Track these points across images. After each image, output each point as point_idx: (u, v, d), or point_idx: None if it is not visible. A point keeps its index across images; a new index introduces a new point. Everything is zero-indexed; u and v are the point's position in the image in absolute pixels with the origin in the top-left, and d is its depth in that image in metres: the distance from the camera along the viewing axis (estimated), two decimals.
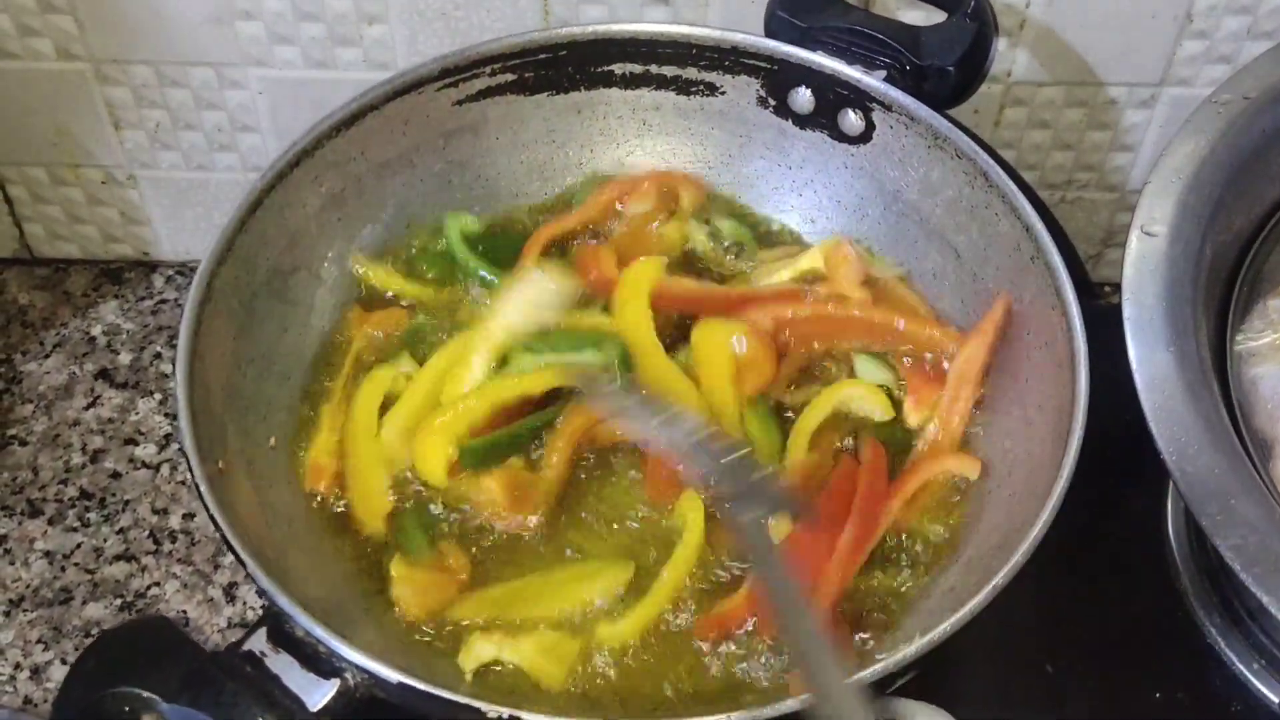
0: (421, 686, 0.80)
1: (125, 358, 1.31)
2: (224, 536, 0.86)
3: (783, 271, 1.12)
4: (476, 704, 0.80)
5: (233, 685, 0.81)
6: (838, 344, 1.09)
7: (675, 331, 1.08)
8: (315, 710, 0.82)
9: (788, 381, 1.07)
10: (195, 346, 0.96)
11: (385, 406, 1.05)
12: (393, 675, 0.81)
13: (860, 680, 0.81)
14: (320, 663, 0.83)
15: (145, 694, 0.81)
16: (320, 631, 0.82)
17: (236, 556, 0.86)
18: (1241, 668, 1.03)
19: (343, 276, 1.12)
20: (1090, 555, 1.08)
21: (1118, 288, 0.97)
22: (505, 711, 0.80)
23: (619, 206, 1.16)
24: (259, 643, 0.84)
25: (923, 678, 0.87)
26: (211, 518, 0.87)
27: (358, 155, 1.09)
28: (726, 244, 1.16)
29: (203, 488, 0.89)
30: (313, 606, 0.84)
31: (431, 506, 1.00)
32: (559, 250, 1.14)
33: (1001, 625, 0.86)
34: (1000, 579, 0.84)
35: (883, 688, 0.84)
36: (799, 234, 1.18)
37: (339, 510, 1.01)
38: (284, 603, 0.83)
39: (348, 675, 0.83)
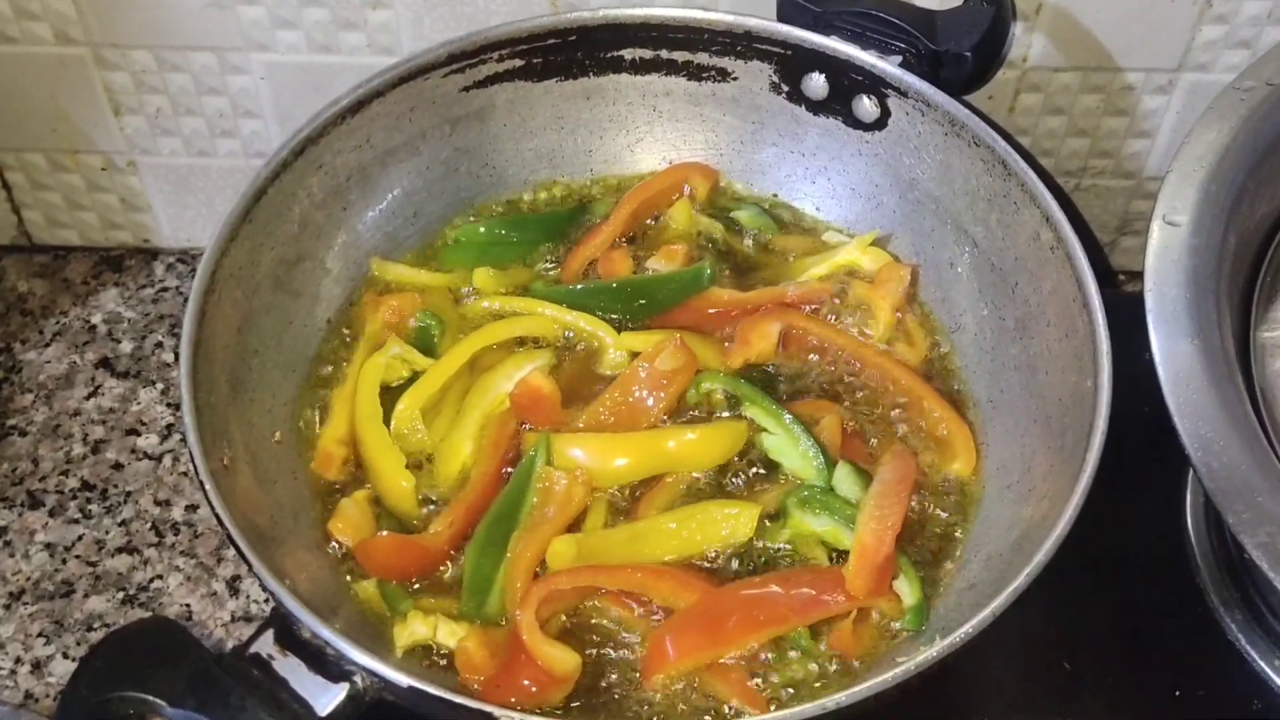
0: (432, 690, 0.79)
1: (126, 346, 1.29)
2: (229, 536, 0.85)
3: (819, 266, 1.11)
4: (488, 708, 0.79)
5: (239, 689, 0.79)
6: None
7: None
8: (324, 715, 0.80)
9: None
10: (199, 338, 0.94)
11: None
12: (403, 679, 0.80)
13: (884, 683, 0.80)
14: (329, 666, 0.81)
15: (150, 698, 0.79)
16: (328, 634, 0.80)
17: (243, 557, 0.84)
18: (1263, 665, 1.02)
19: (348, 266, 1.10)
20: (1108, 550, 1.06)
21: (1132, 276, 0.95)
22: (515, 715, 0.79)
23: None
24: (266, 645, 0.82)
25: (938, 674, 0.85)
26: (216, 516, 0.86)
27: (363, 143, 1.08)
28: (747, 232, 1.15)
29: (207, 485, 0.87)
30: (321, 608, 0.82)
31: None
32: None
33: (1019, 622, 0.84)
34: (1022, 580, 0.83)
35: (904, 689, 0.83)
36: (815, 220, 1.17)
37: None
38: (292, 606, 0.81)
39: (357, 679, 0.81)
